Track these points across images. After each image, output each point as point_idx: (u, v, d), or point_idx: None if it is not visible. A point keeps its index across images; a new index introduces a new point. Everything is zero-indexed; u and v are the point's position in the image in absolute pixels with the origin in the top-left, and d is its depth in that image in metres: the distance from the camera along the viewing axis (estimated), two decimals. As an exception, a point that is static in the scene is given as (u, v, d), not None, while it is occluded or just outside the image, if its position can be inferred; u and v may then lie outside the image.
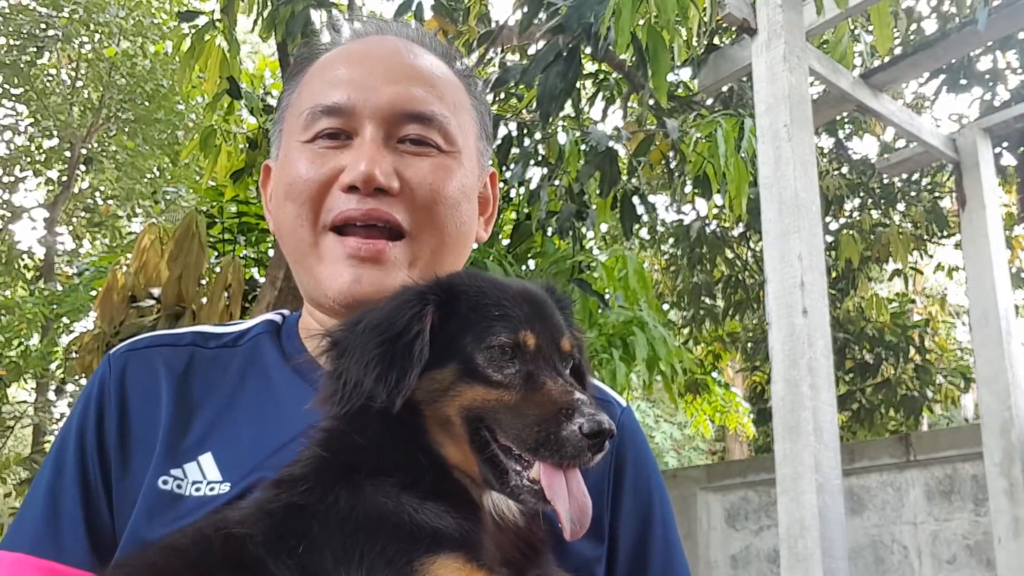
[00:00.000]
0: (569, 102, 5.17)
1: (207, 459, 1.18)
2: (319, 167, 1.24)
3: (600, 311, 5.93)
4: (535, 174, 6.01)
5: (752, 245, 10.81)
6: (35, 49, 14.00)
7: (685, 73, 7.81)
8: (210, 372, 1.28)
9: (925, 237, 10.29)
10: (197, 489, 1.16)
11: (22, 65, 14.04)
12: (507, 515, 1.01)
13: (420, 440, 0.99)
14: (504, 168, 5.57)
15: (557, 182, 5.87)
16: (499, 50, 6.54)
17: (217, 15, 5.46)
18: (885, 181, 9.75)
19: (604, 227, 8.66)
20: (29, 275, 15.84)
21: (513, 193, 6.07)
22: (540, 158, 5.91)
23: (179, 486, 1.16)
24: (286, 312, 1.44)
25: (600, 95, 6.86)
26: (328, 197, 1.24)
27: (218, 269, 6.32)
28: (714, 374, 11.40)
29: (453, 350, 1.00)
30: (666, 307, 11.68)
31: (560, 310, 1.10)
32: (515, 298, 1.05)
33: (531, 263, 6.52)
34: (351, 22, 1.46)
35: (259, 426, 1.21)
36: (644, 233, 11.04)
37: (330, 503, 0.93)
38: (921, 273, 12.08)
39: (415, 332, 0.98)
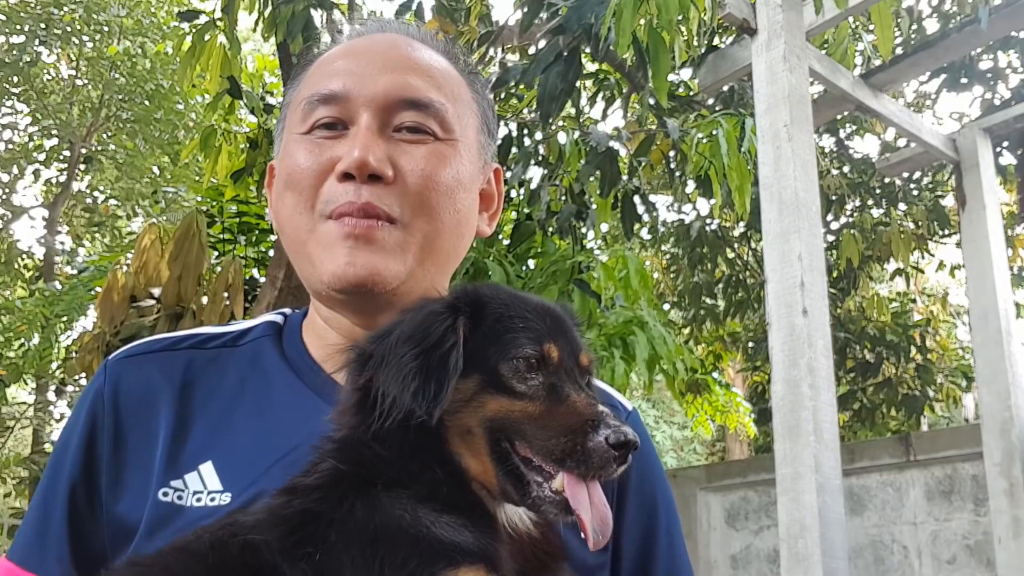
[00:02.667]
0: (569, 102, 5.17)
1: (207, 468, 1.16)
2: (316, 157, 1.24)
3: (600, 311, 5.93)
4: (535, 174, 6.01)
5: (753, 245, 10.80)
6: (36, 47, 14.01)
7: (685, 73, 7.81)
8: (209, 375, 1.27)
9: (926, 236, 10.28)
10: (198, 499, 1.14)
11: (22, 64, 14.05)
12: (520, 527, 1.01)
13: (439, 451, 0.99)
14: (504, 168, 5.58)
15: (557, 182, 5.87)
16: (499, 50, 6.54)
17: (218, 15, 5.47)
18: (886, 180, 9.75)
19: (604, 227, 8.66)
20: (28, 275, 15.84)
21: (513, 193, 6.06)
22: (540, 158, 5.91)
23: (179, 497, 1.15)
24: (287, 312, 1.42)
25: (600, 95, 6.85)
26: (324, 187, 1.23)
27: (218, 269, 6.33)
28: (715, 374, 11.39)
29: (476, 361, 0.99)
30: (667, 307, 11.67)
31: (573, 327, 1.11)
32: (537, 312, 1.05)
33: (531, 263, 6.52)
34: (352, 23, 1.45)
35: (260, 434, 1.19)
36: (645, 233, 11.03)
37: (346, 511, 0.92)
38: (922, 272, 12.07)
39: (450, 344, 0.98)
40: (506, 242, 6.26)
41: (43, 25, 13.81)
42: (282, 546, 0.92)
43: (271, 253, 6.73)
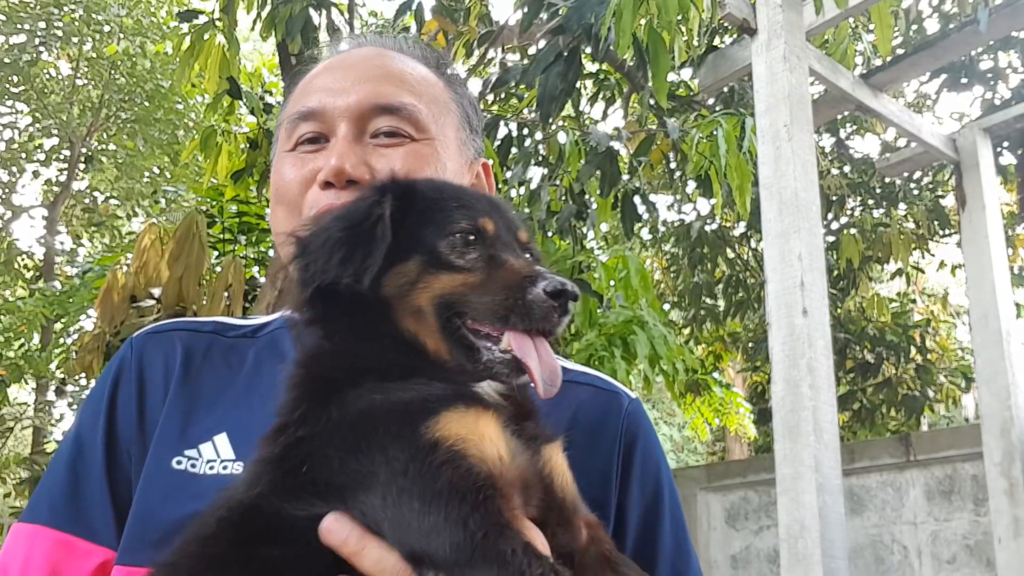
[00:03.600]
0: (569, 102, 5.17)
1: (222, 439, 1.21)
2: (299, 169, 1.31)
3: (600, 311, 5.92)
4: (535, 174, 6.01)
5: (753, 245, 10.80)
6: (36, 47, 14.01)
7: (686, 73, 7.82)
8: (229, 359, 1.32)
9: (927, 236, 10.28)
10: (211, 467, 1.18)
11: (22, 64, 14.05)
12: (489, 396, 1.01)
13: (394, 334, 1.01)
14: (504, 168, 5.58)
15: (557, 182, 5.87)
16: (500, 50, 6.54)
17: (217, 15, 5.46)
18: (886, 180, 9.75)
19: (604, 227, 8.66)
20: (29, 275, 15.85)
21: (513, 193, 6.07)
22: (540, 158, 5.91)
23: (193, 465, 1.19)
24: None
25: (600, 95, 6.86)
26: (308, 196, 1.30)
27: (218, 269, 6.33)
28: (715, 374, 11.38)
29: (415, 242, 1.02)
30: (667, 307, 11.66)
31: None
32: (470, 193, 1.11)
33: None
34: (350, 24, 1.50)
35: (274, 412, 1.23)
36: (645, 233, 11.04)
37: (323, 422, 0.93)
38: (923, 272, 12.06)
39: (376, 216, 1.02)
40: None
41: (43, 25, 13.81)
42: (275, 487, 0.92)
43: (271, 253, 6.73)
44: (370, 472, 0.87)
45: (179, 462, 1.19)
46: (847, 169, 10.27)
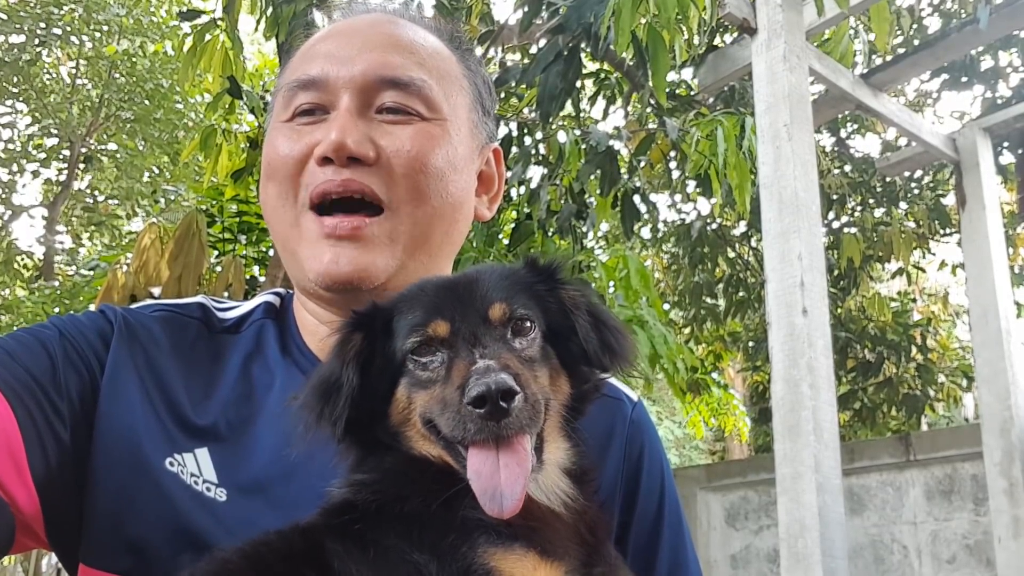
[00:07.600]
0: (569, 101, 5.17)
1: (203, 455, 1.12)
2: (295, 143, 1.20)
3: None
4: (535, 174, 6.01)
5: (753, 244, 10.80)
6: (36, 47, 14.02)
7: (686, 72, 7.82)
8: (214, 356, 1.22)
9: (927, 235, 10.29)
10: (195, 483, 1.10)
11: (22, 63, 14.06)
12: (543, 501, 0.95)
13: (420, 461, 0.97)
14: (504, 168, 5.57)
15: (557, 182, 5.87)
16: (500, 50, 6.54)
17: (219, 14, 5.46)
18: (887, 179, 9.75)
19: (604, 226, 8.66)
20: (28, 275, 15.85)
21: (513, 193, 6.06)
22: (540, 157, 5.91)
23: (181, 472, 1.10)
24: (282, 292, 1.38)
25: (600, 94, 6.85)
26: (305, 173, 1.19)
27: (219, 268, 6.33)
28: (714, 374, 11.38)
29: (395, 366, 0.97)
30: (667, 307, 11.66)
31: (542, 277, 1.04)
32: (425, 291, 1.00)
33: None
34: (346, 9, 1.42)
35: (260, 432, 1.15)
36: (645, 232, 11.04)
37: (379, 512, 0.92)
38: (923, 271, 12.07)
39: (341, 364, 0.99)
40: (506, 242, 6.25)
41: (43, 25, 13.81)
42: (325, 525, 0.92)
43: (271, 253, 6.74)
44: (420, 567, 0.85)
45: (171, 464, 1.09)
46: (847, 168, 10.27)
